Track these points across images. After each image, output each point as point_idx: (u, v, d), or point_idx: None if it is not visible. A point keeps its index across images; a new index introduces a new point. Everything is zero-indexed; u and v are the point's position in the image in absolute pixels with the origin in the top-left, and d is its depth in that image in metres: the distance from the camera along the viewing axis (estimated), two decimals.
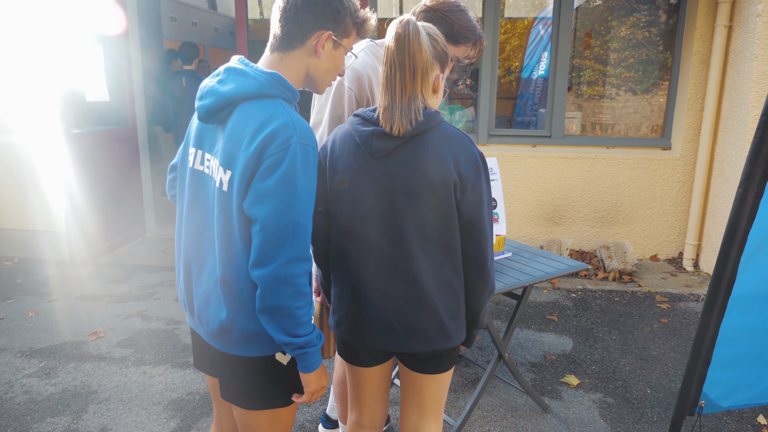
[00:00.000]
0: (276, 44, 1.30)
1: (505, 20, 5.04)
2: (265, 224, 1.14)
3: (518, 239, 4.80)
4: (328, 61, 1.32)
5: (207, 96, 1.24)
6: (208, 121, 1.26)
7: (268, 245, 1.15)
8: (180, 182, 1.39)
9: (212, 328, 1.28)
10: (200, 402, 2.65)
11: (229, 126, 1.21)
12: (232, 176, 1.19)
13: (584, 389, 2.78)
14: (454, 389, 2.76)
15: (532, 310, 3.70)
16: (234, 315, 1.24)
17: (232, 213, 1.20)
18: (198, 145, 1.32)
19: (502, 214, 2.35)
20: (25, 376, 2.86)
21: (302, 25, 1.26)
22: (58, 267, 4.44)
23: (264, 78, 1.22)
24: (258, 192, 1.15)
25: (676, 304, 3.82)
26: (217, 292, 1.26)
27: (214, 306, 1.27)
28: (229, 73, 1.25)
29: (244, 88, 1.20)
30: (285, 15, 1.26)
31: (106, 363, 2.99)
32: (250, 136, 1.16)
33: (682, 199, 4.58)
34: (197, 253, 1.31)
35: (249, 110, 1.20)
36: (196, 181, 1.31)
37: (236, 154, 1.18)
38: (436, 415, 1.56)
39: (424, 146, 1.33)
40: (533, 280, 2.19)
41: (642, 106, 4.76)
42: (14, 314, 3.59)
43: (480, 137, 4.75)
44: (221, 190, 1.22)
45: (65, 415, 2.54)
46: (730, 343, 1.56)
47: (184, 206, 1.36)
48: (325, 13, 1.26)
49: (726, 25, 4.10)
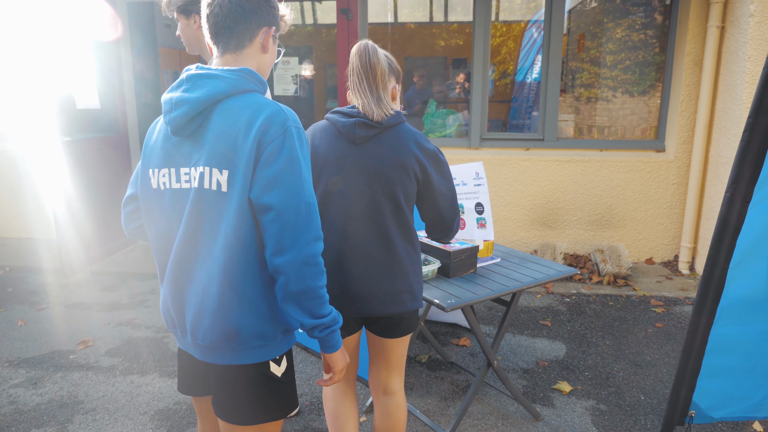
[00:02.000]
0: (224, 46, 1.30)
1: (499, 23, 5.02)
2: (280, 210, 1.17)
3: (512, 243, 4.77)
4: (271, 56, 1.39)
5: (178, 106, 1.23)
6: (180, 133, 1.25)
7: (288, 230, 1.17)
8: (147, 209, 1.35)
9: (211, 339, 1.25)
10: (187, 412, 2.61)
11: (212, 129, 1.21)
12: (231, 173, 1.18)
13: (577, 396, 2.74)
14: (444, 396, 2.72)
15: (525, 315, 3.66)
16: (239, 318, 1.24)
17: (233, 211, 1.19)
18: (168, 164, 1.28)
19: (490, 220, 2.32)
20: (12, 387, 2.82)
21: (250, 24, 1.29)
22: (49, 275, 4.41)
23: (235, 75, 1.24)
24: (266, 179, 1.17)
25: (671, 307, 3.78)
26: (214, 301, 1.23)
27: (213, 316, 1.24)
28: (195, 80, 1.24)
29: (218, 89, 1.21)
30: (229, 15, 1.27)
31: (94, 372, 2.96)
32: (244, 129, 1.18)
33: (677, 201, 4.55)
34: (186, 269, 1.28)
35: (230, 108, 1.21)
36: (175, 200, 1.27)
37: (232, 151, 1.18)
38: (400, 370, 1.85)
39: (395, 136, 1.64)
40: (521, 285, 2.15)
41: (636, 108, 4.74)
42: (3, 323, 3.55)
43: (472, 141, 4.72)
44: (218, 192, 1.20)
45: (50, 426, 2.50)
46: (721, 352, 1.53)
47: (160, 229, 1.33)
48: (266, 10, 1.31)
49: (718, 25, 4.08)
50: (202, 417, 1.54)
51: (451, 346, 3.23)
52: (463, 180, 2.32)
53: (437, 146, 1.67)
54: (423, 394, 2.75)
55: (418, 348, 3.19)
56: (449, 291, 2.09)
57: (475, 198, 2.32)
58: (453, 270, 2.21)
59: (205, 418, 1.54)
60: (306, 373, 2.93)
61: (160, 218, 1.32)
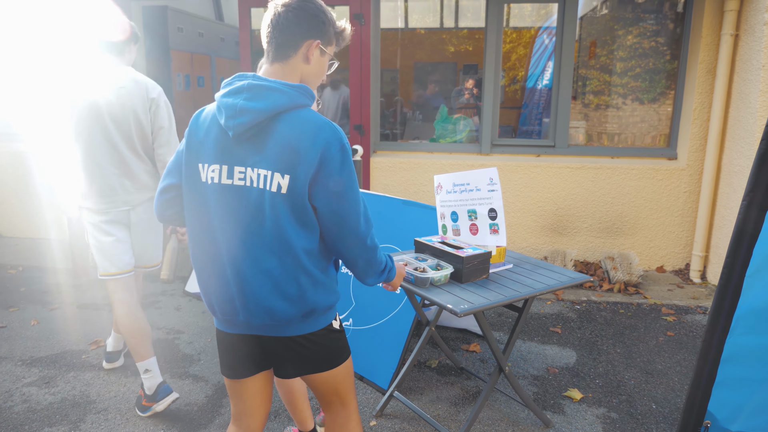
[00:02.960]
0: (273, 55, 1.45)
1: (510, 29, 5.03)
2: (345, 215, 1.43)
3: (522, 250, 4.76)
4: (317, 67, 1.50)
5: (243, 114, 1.37)
6: (240, 137, 1.40)
7: (350, 231, 1.45)
8: (191, 199, 1.50)
9: (290, 317, 1.48)
10: (198, 413, 2.63)
11: (277, 138, 1.38)
12: (292, 179, 1.37)
13: (587, 403, 2.73)
14: (454, 402, 2.72)
15: (535, 322, 3.65)
16: (314, 297, 1.49)
17: (292, 210, 1.40)
18: (220, 161, 1.43)
19: (503, 225, 2.32)
20: (25, 385, 2.85)
21: (294, 35, 1.43)
22: (62, 275, 4.45)
23: (293, 91, 1.40)
24: (332, 192, 1.40)
25: (682, 316, 3.76)
26: (292, 287, 1.45)
27: (291, 299, 1.46)
28: (256, 90, 1.38)
29: (280, 102, 1.38)
30: (278, 27, 1.43)
31: (106, 372, 2.98)
32: (308, 143, 1.36)
33: (689, 209, 4.52)
34: (247, 258, 1.44)
35: (293, 122, 1.38)
36: (224, 194, 1.43)
37: (296, 161, 1.36)
38: None
39: None
40: (534, 292, 2.15)
41: (648, 116, 4.73)
42: (16, 323, 3.59)
43: (483, 147, 4.73)
44: (278, 193, 1.38)
45: (63, 425, 2.52)
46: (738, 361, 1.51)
47: (204, 219, 1.47)
48: (313, 24, 1.44)
49: (732, 33, 4.07)
50: (240, 398, 1.66)
51: (461, 351, 3.23)
52: (476, 186, 2.33)
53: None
54: (433, 399, 2.74)
55: (428, 353, 3.19)
56: (462, 296, 2.09)
57: (489, 204, 2.32)
58: (466, 275, 2.21)
59: (241, 399, 1.66)
60: None
61: (204, 209, 1.47)
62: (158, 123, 2.62)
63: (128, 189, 2.60)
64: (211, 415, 2.61)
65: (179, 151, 1.54)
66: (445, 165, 4.66)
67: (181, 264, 4.70)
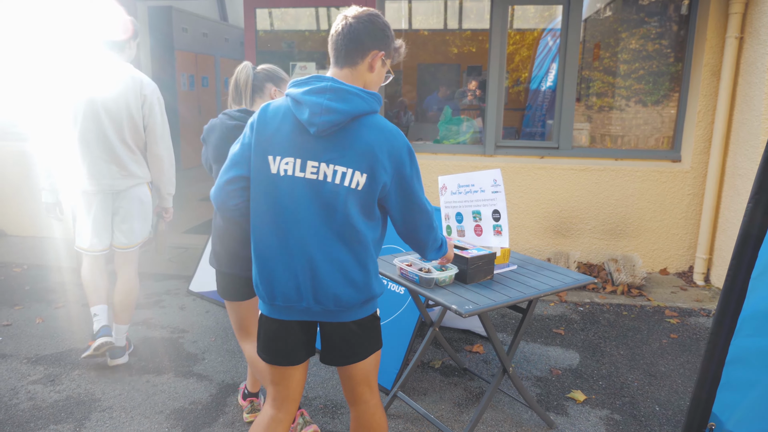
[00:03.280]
0: (343, 61, 1.60)
1: (513, 31, 5.04)
2: (413, 209, 1.64)
3: (525, 251, 4.76)
4: (377, 76, 1.66)
5: (329, 113, 1.51)
6: (323, 134, 1.53)
7: (416, 224, 1.67)
8: (259, 189, 1.60)
9: (352, 304, 1.62)
10: (202, 412, 2.64)
11: (356, 139, 1.53)
12: (369, 177, 1.54)
13: (591, 405, 2.73)
14: (458, 402, 2.72)
15: (538, 324, 3.65)
16: (375, 286, 1.65)
17: (364, 205, 1.56)
18: (294, 155, 1.56)
19: (506, 227, 2.33)
20: (30, 383, 2.87)
21: (363, 45, 1.58)
22: (66, 274, 4.47)
23: (371, 98, 1.57)
24: (403, 190, 1.60)
25: (686, 319, 3.76)
26: (359, 275, 1.61)
27: (356, 286, 1.61)
28: (340, 93, 1.54)
29: (360, 107, 1.54)
30: (348, 36, 1.58)
31: (110, 371, 2.99)
32: (386, 148, 1.55)
33: (693, 212, 4.52)
34: (321, 245, 1.58)
35: (370, 126, 1.55)
36: (296, 186, 1.56)
37: (374, 161, 1.53)
38: None
39: None
40: (538, 293, 2.16)
41: (651, 118, 4.73)
42: (21, 321, 3.61)
43: (487, 148, 4.73)
44: (355, 190, 1.54)
45: (68, 423, 2.54)
46: (743, 364, 1.51)
47: (271, 208, 1.59)
48: (380, 37, 1.61)
49: (737, 36, 4.07)
50: (286, 384, 1.76)
51: (465, 352, 3.24)
52: (480, 187, 2.34)
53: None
54: (436, 399, 2.75)
55: (432, 354, 3.20)
56: (466, 297, 2.09)
57: (492, 205, 2.33)
58: (470, 276, 2.22)
59: (287, 385, 1.76)
60: (320, 377, 2.95)
61: (274, 199, 1.59)
62: (152, 119, 2.87)
63: (114, 175, 2.87)
64: (216, 414, 2.62)
65: (245, 144, 1.64)
66: (449, 166, 4.67)
67: (184, 264, 4.72)
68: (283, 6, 4.74)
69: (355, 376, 1.74)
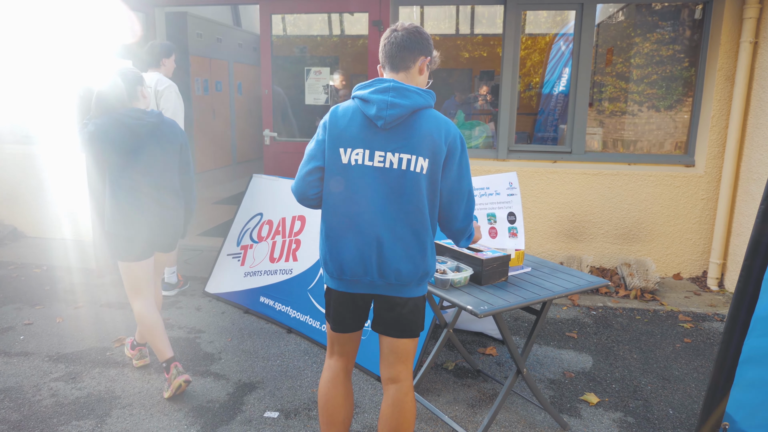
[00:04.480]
0: (398, 66, 1.85)
1: (526, 36, 5.07)
2: (462, 195, 1.84)
3: (538, 255, 4.77)
4: (424, 79, 1.91)
5: (393, 107, 1.76)
6: (388, 126, 1.77)
7: (464, 208, 1.86)
8: (333, 178, 1.82)
9: (411, 279, 1.83)
10: (220, 410, 2.69)
11: (418, 130, 1.77)
12: (431, 162, 1.76)
13: (604, 408, 2.74)
14: (471, 404, 2.75)
15: (551, 327, 3.67)
16: (431, 262, 1.87)
17: (426, 187, 1.78)
18: (363, 146, 1.79)
19: (521, 229, 2.36)
20: (52, 380, 2.93)
21: (413, 52, 1.85)
22: (84, 275, 4.56)
23: (427, 95, 1.82)
24: (456, 175, 1.81)
25: (699, 323, 3.75)
26: (418, 251, 1.81)
27: (416, 262, 1.82)
28: (401, 91, 1.78)
29: (419, 102, 1.79)
30: (401, 45, 1.83)
31: (130, 369, 3.05)
32: (443, 135, 1.78)
33: (706, 216, 4.51)
34: (388, 225, 1.79)
35: (428, 118, 1.79)
36: (365, 174, 1.79)
37: (433, 148, 1.76)
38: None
39: None
40: (552, 295, 2.18)
41: (665, 123, 4.73)
42: (42, 320, 3.69)
43: (500, 153, 4.76)
44: (420, 173, 1.77)
45: (90, 419, 2.60)
46: (756, 363, 1.53)
47: (343, 194, 1.82)
48: (425, 46, 1.87)
49: (751, 41, 4.07)
50: (346, 346, 2.01)
51: (478, 354, 3.26)
52: (496, 190, 2.37)
53: None
54: (450, 400, 2.78)
55: (445, 355, 3.23)
56: (481, 298, 2.13)
57: (508, 207, 2.36)
58: (485, 278, 2.25)
59: (347, 347, 2.02)
60: None
61: (346, 186, 1.81)
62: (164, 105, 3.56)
63: None
64: (233, 412, 2.67)
65: (320, 140, 1.86)
66: None
67: (200, 265, 4.79)
68: (298, 12, 4.81)
69: (400, 352, 1.92)
